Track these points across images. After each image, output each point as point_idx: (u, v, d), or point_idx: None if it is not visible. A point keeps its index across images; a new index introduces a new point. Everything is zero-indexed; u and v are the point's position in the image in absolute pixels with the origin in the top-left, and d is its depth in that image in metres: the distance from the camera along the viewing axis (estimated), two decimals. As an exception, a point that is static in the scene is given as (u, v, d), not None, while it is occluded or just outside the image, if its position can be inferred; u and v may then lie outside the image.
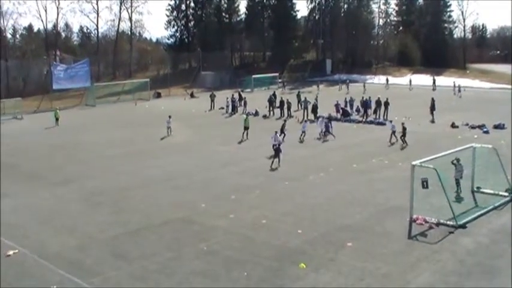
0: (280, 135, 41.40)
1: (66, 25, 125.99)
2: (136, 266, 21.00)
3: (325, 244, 22.76)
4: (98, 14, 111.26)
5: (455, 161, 28.76)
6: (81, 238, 24.21)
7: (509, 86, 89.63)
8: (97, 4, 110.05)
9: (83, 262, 21.50)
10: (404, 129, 42.45)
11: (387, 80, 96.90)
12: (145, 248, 22.82)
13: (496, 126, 49.62)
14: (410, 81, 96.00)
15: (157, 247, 22.87)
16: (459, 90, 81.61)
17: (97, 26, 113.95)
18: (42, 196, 31.13)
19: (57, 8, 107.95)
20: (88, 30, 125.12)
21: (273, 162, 36.99)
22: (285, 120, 46.07)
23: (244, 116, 51.50)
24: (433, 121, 54.42)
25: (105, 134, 52.38)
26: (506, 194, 28.69)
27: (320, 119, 49.02)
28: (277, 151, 37.28)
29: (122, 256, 22.03)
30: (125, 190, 32.02)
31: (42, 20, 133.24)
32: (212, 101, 69.38)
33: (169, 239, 23.86)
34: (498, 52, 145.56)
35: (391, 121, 43.94)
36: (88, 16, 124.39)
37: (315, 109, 57.23)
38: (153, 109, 69.68)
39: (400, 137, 42.52)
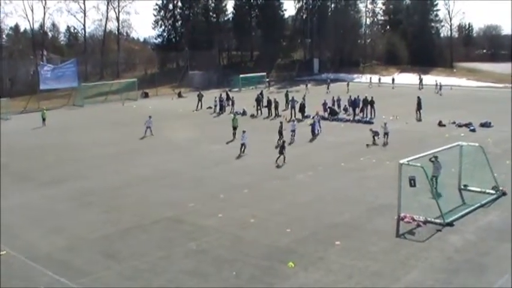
0: (279, 138, 42.15)
1: (53, 25, 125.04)
2: (126, 265, 21.06)
3: (314, 243, 22.89)
4: (85, 13, 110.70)
5: (433, 159, 28.94)
6: (70, 238, 24.25)
7: (496, 85, 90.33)
8: (84, 4, 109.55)
9: (72, 262, 21.54)
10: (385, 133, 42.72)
11: (371, 79, 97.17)
12: (136, 247, 22.89)
13: (483, 125, 49.92)
14: (393, 80, 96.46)
15: (147, 246, 22.95)
16: (440, 89, 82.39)
17: (84, 25, 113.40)
18: (32, 196, 31.13)
19: (44, 7, 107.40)
20: (75, 30, 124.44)
21: (278, 159, 37.29)
22: (281, 122, 45.90)
23: (232, 115, 51.53)
24: (420, 120, 54.68)
25: (94, 134, 52.31)
26: (492, 191, 28.90)
27: (315, 117, 49.11)
28: (282, 148, 37.44)
29: (112, 256, 22.09)
30: (114, 189, 32.09)
31: (28, 20, 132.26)
32: (199, 100, 69.30)
33: (159, 238, 23.94)
34: (484, 51, 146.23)
35: (385, 123, 43.61)
36: (75, 16, 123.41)
37: (302, 108, 57.37)
38: (140, 109, 69.48)
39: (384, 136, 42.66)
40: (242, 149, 40.26)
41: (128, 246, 23.09)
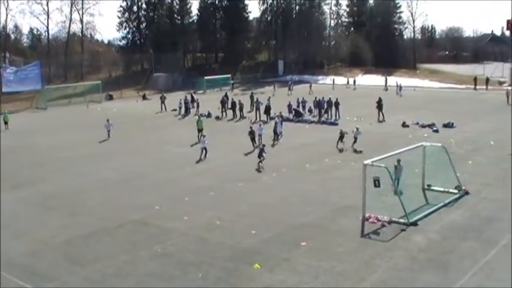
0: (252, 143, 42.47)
1: (16, 27, 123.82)
2: (91, 269, 20.91)
3: (280, 244, 22.96)
4: (48, 15, 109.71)
5: (396, 163, 29.27)
6: (34, 243, 23.97)
7: (458, 86, 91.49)
8: (47, 5, 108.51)
9: (36, 268, 21.34)
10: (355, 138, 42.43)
11: (334, 80, 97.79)
12: (100, 251, 22.73)
13: (446, 125, 50.50)
14: (354, 81, 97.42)
15: (112, 250, 22.80)
16: (400, 90, 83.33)
17: (47, 27, 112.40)
18: (-6, 201, 30.68)
19: (6, 9, 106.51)
20: (38, 32, 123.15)
21: (259, 163, 36.97)
22: (251, 126, 45.26)
23: (197, 117, 51.33)
24: (382, 120, 55.17)
25: (57, 137, 51.79)
26: (455, 191, 29.29)
27: (277, 119, 49.04)
28: (260, 152, 37.27)
29: (76, 260, 21.90)
30: (78, 193, 31.79)
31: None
32: (162, 102, 69.10)
33: (124, 242, 23.80)
34: (447, 52, 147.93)
35: (357, 127, 43.14)
36: (38, 18, 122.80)
37: (268, 110, 57.47)
38: (105, 111, 68.98)
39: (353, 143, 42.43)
40: (203, 154, 39.82)
41: (92, 250, 22.91)
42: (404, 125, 51.35)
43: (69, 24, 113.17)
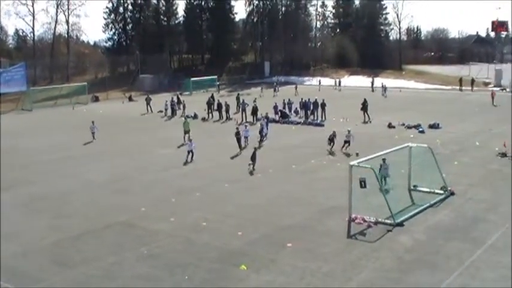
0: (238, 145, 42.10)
1: (1, 28, 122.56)
2: (78, 271, 20.84)
3: (266, 245, 22.99)
4: (33, 16, 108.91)
5: (381, 162, 29.49)
6: (21, 245, 23.82)
7: (443, 87, 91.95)
8: (33, 6, 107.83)
9: (24, 270, 21.25)
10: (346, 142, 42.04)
11: (320, 81, 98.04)
12: (87, 253, 22.66)
13: (431, 126, 50.74)
14: (339, 82, 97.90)
15: (99, 252, 22.73)
16: (385, 91, 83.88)
17: (33, 29, 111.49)
18: (-21, 203, 30.49)
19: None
20: (24, 33, 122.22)
21: (252, 166, 36.45)
22: (237, 128, 45.09)
23: (183, 119, 51.08)
24: (367, 121, 55.48)
25: (43, 138, 51.52)
26: (441, 191, 29.45)
27: (263, 121, 49.04)
28: (253, 155, 37.12)
29: (63, 262, 21.84)
30: (64, 195, 31.66)
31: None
32: (148, 104, 68.98)
33: (111, 244, 23.73)
34: (432, 54, 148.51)
35: (349, 130, 42.34)
36: (24, 19, 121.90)
37: (254, 111, 57.45)
38: (91, 113, 68.74)
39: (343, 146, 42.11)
40: (190, 157, 39.59)
41: (79, 252, 22.84)
42: (390, 126, 51.53)
43: (55, 25, 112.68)
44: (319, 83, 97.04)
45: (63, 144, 47.77)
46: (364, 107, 57.03)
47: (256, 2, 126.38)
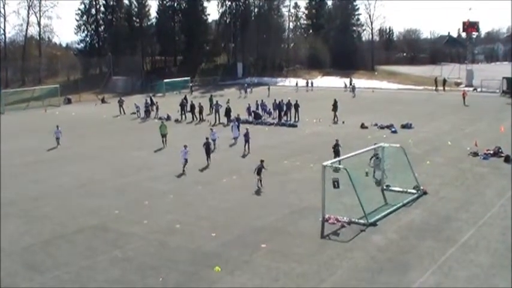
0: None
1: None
2: (49, 276, 20.62)
3: (240, 246, 22.94)
4: (4, 18, 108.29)
5: (374, 157, 30.70)
6: (-10, 250, 23.53)
7: (416, 87, 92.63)
8: (3, 8, 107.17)
9: (-7, 275, 20.94)
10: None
11: (297, 83, 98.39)
12: (59, 257, 22.43)
13: (404, 126, 51.09)
14: (312, 83, 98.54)
15: (70, 256, 22.51)
16: (353, 90, 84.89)
17: (4, 30, 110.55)
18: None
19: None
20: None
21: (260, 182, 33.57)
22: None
23: (160, 122, 49.86)
24: (337, 122, 55.81)
25: (14, 142, 50.89)
26: (414, 191, 29.64)
27: (233, 123, 48.95)
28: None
29: (34, 267, 21.58)
30: (34, 199, 31.33)
31: None
32: (121, 106, 68.72)
33: (83, 248, 23.51)
34: (404, 54, 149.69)
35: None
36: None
37: (228, 112, 57.35)
38: (63, 116, 68.30)
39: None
40: (184, 165, 37.30)
41: (50, 256, 22.60)
42: (363, 126, 51.75)
43: (27, 27, 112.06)
44: (296, 84, 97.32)
45: (34, 148, 47.26)
46: (335, 107, 57.27)
47: (229, 3, 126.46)
